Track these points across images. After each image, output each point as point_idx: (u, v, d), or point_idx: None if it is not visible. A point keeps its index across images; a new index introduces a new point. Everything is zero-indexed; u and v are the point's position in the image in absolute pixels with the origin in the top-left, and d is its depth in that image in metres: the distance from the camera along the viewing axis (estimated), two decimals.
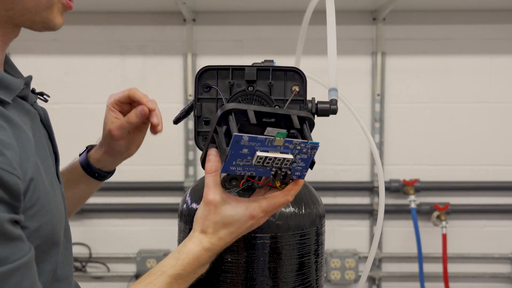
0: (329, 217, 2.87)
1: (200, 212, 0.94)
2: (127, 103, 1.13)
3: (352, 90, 2.86)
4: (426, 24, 2.84)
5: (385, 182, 2.86)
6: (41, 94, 1.00)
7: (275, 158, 0.86)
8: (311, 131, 0.92)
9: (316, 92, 1.17)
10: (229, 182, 0.91)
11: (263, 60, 1.06)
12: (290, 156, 0.86)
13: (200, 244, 0.93)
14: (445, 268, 2.67)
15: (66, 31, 2.82)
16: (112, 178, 3.10)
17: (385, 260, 2.96)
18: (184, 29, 2.84)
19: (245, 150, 0.85)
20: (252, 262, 1.01)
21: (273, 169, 0.87)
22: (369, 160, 2.90)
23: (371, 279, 2.95)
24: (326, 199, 2.89)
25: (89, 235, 2.94)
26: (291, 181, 0.92)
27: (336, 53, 1.12)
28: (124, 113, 1.14)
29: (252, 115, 0.87)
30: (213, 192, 0.91)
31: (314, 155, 0.88)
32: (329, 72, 1.11)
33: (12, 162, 0.74)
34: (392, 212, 2.89)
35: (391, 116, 2.88)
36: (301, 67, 1.06)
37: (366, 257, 2.90)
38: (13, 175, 0.73)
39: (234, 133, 0.84)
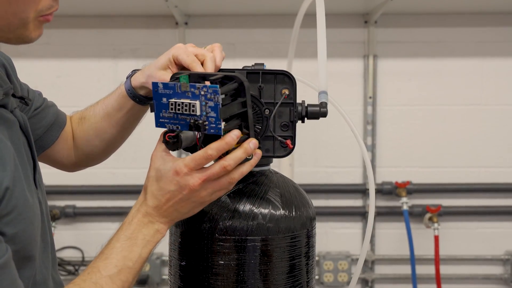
0: (322, 219, 2.88)
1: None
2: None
3: (345, 93, 2.87)
4: (418, 27, 2.86)
5: (377, 184, 2.86)
6: (22, 98, 0.99)
7: (182, 103, 0.89)
8: (244, 95, 0.94)
9: (308, 95, 1.17)
10: (164, 139, 0.94)
11: (253, 64, 1.07)
12: (195, 101, 0.88)
13: (138, 202, 0.96)
14: (437, 270, 2.67)
15: (59, 35, 2.82)
16: (105, 181, 3.11)
17: (377, 262, 2.97)
18: (176, 33, 2.84)
19: (164, 99, 0.90)
20: (243, 265, 1.01)
21: (191, 121, 0.89)
22: (361, 163, 2.91)
23: (364, 281, 2.96)
24: (319, 202, 2.89)
25: (82, 239, 2.93)
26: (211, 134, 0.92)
27: (327, 56, 1.13)
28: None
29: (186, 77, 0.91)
30: (155, 149, 0.95)
31: (218, 101, 0.87)
32: (319, 75, 1.12)
33: None
34: (385, 214, 2.90)
35: (383, 119, 2.89)
36: (293, 70, 1.07)
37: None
38: None
39: (152, 81, 0.91)
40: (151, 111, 0.94)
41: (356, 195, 2.95)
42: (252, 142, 0.94)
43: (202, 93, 0.88)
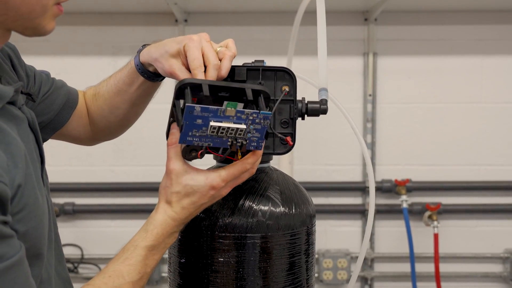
0: (322, 217, 2.87)
1: (163, 183, 0.97)
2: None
3: (344, 91, 2.86)
4: (418, 25, 2.85)
5: (377, 182, 2.86)
6: (29, 94, 0.99)
7: (228, 128, 0.89)
8: (267, 105, 0.95)
9: (308, 92, 1.17)
10: (188, 153, 0.93)
11: (253, 60, 1.06)
12: (243, 126, 0.89)
13: (165, 214, 0.95)
14: (437, 268, 2.67)
15: (58, 32, 2.79)
16: (104, 179, 3.10)
17: (377, 260, 2.97)
18: (176, 30, 2.84)
19: (199, 121, 0.88)
20: (242, 262, 1.01)
21: (229, 139, 0.90)
22: (361, 160, 2.91)
23: (364, 279, 2.96)
24: (318, 199, 2.89)
25: (81, 236, 2.93)
26: (249, 152, 0.96)
27: (327, 53, 1.12)
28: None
29: (206, 88, 0.91)
30: (173, 162, 0.95)
31: (267, 125, 0.91)
32: (319, 72, 1.11)
33: None
34: (384, 212, 2.90)
35: (383, 117, 2.89)
36: (293, 68, 1.07)
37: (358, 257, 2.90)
38: (0, 182, 0.74)
39: (187, 104, 0.87)
40: (179, 128, 0.91)
41: (356, 193, 2.94)
42: (260, 153, 1.00)
43: (251, 118, 0.90)
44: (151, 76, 1.14)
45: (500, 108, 2.87)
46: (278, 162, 2.53)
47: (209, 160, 1.04)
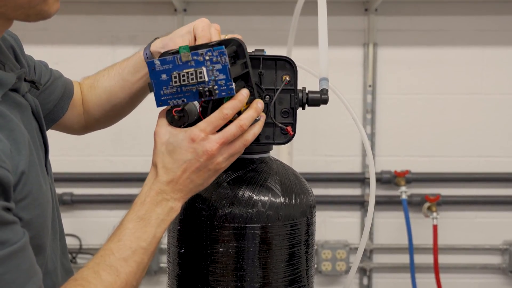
0: (321, 208, 2.87)
1: (153, 147, 0.95)
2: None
3: (344, 81, 2.85)
4: (418, 15, 2.84)
5: (377, 173, 2.86)
6: (32, 82, 0.98)
7: (187, 73, 0.88)
8: (242, 55, 0.95)
9: (308, 82, 1.16)
10: (169, 116, 0.93)
11: (253, 50, 1.05)
12: (202, 69, 0.88)
13: (150, 179, 0.93)
14: (435, 259, 2.68)
15: (56, 21, 2.79)
16: (103, 169, 3.10)
17: (376, 251, 2.97)
18: (175, 19, 2.82)
19: (164, 76, 0.89)
20: (242, 252, 1.01)
21: (199, 88, 0.89)
22: (360, 151, 2.90)
23: (362, 270, 2.96)
24: (318, 190, 2.89)
25: (80, 227, 2.93)
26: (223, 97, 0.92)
27: (328, 43, 1.12)
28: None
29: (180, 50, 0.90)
30: (157, 127, 0.94)
31: (226, 62, 0.88)
32: (320, 61, 1.11)
33: (0, 155, 0.74)
34: (383, 203, 2.90)
35: (383, 108, 2.88)
36: (293, 57, 1.06)
37: (357, 248, 2.90)
38: (2, 168, 0.74)
39: (147, 61, 0.89)
40: (150, 91, 0.92)
41: (355, 184, 2.94)
42: (259, 102, 0.96)
43: (207, 58, 0.88)
44: None
45: (500, 99, 2.86)
46: (278, 153, 2.52)
47: None
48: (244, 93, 0.92)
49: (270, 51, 1.07)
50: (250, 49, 1.09)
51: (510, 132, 2.88)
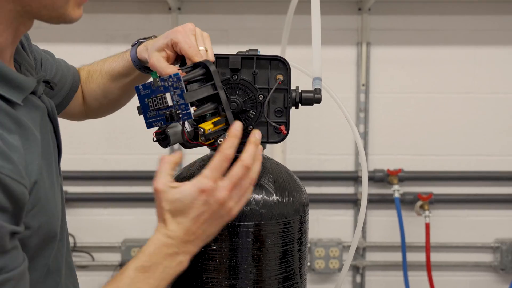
0: (314, 206, 2.88)
1: (156, 202, 0.90)
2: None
3: (337, 80, 2.86)
4: (412, 15, 2.85)
5: (369, 172, 2.87)
6: (47, 82, 0.99)
7: (156, 97, 0.91)
8: (210, 77, 0.95)
9: (301, 82, 1.17)
10: (158, 139, 0.98)
11: (247, 49, 1.06)
12: (166, 94, 0.91)
13: (160, 232, 0.88)
14: (428, 257, 2.69)
15: None
16: (97, 167, 3.09)
17: (369, 249, 2.98)
18: (169, 18, 2.82)
19: (147, 100, 0.93)
20: (235, 250, 1.01)
21: (166, 113, 0.91)
22: (353, 150, 2.91)
23: (355, 268, 2.97)
24: (311, 189, 2.90)
25: (74, 224, 2.92)
26: (181, 120, 0.93)
27: (321, 42, 1.12)
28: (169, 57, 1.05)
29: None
30: (157, 180, 0.88)
31: (182, 87, 0.90)
32: (313, 61, 1.11)
33: (20, 170, 0.75)
34: (376, 201, 2.91)
35: (376, 106, 2.89)
36: (287, 57, 1.07)
37: (350, 246, 2.91)
38: (21, 185, 0.74)
39: (135, 86, 0.93)
40: (139, 114, 0.95)
41: (348, 183, 2.95)
42: (257, 133, 0.93)
43: (170, 83, 0.90)
44: (148, 69, 1.14)
45: (493, 98, 2.88)
46: (271, 152, 2.53)
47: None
48: (237, 126, 0.89)
49: (264, 50, 1.08)
50: (244, 48, 1.09)
51: (502, 131, 2.89)
